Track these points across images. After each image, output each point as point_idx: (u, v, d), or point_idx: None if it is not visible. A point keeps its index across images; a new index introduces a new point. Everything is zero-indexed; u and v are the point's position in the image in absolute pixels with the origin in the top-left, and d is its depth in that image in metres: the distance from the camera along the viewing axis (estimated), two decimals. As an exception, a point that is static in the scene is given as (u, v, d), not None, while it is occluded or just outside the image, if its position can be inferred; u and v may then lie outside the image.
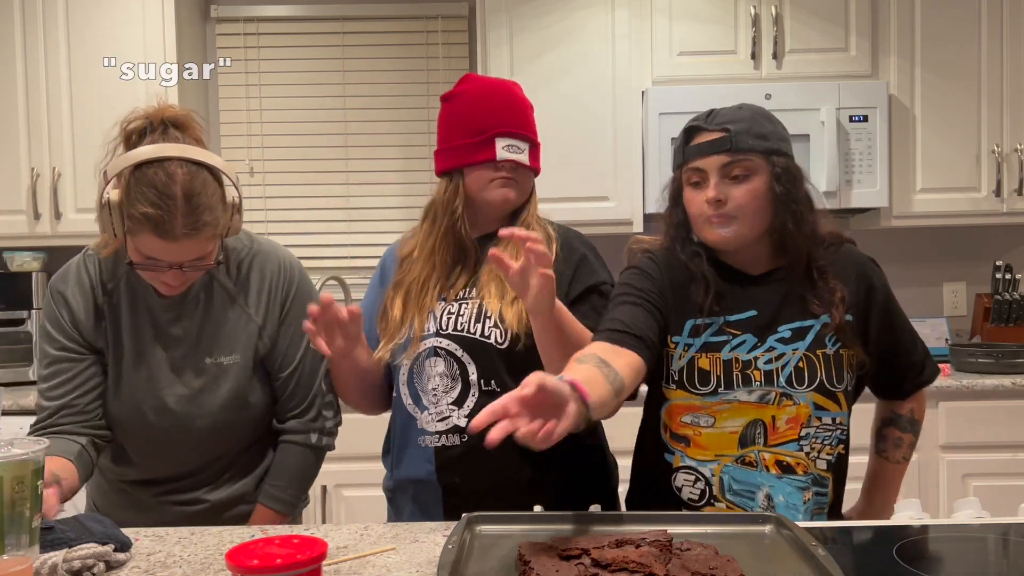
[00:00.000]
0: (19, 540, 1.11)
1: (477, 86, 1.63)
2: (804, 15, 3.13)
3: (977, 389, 2.82)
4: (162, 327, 1.56)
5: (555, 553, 1.09)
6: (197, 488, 1.63)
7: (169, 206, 1.38)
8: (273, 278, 1.61)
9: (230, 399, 1.58)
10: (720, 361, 1.43)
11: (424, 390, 1.57)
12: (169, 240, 1.39)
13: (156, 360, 1.56)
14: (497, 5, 3.14)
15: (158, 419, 1.56)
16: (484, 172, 1.57)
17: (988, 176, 3.13)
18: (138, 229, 1.39)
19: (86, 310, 1.56)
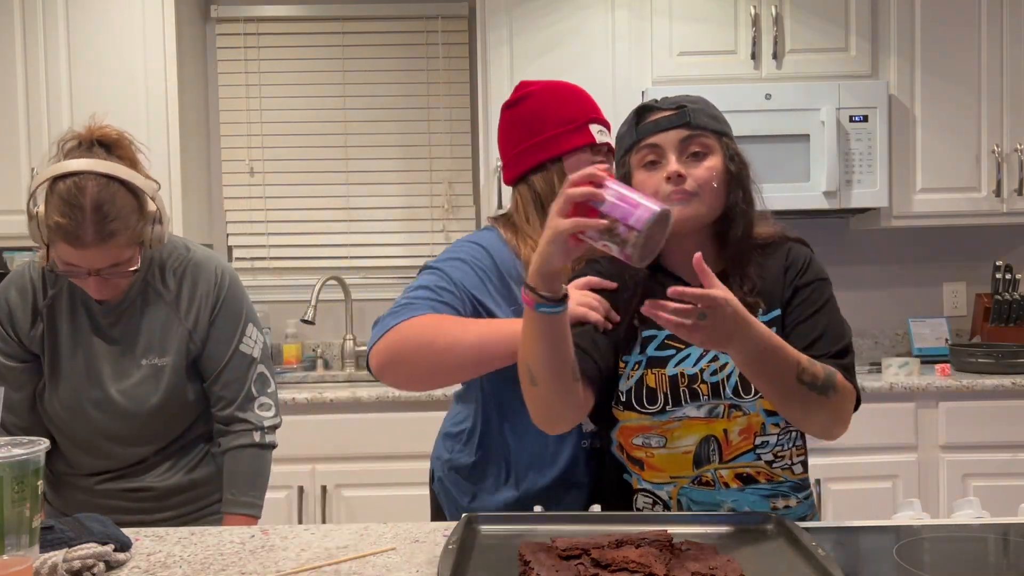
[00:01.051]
0: (19, 540, 1.11)
1: (549, 85, 1.63)
2: (804, 15, 3.13)
3: (977, 389, 2.82)
4: (101, 329, 1.66)
5: (555, 553, 1.09)
6: (142, 474, 1.71)
7: (77, 216, 1.49)
8: (205, 285, 1.70)
9: (167, 397, 1.67)
10: (666, 377, 1.35)
11: None
12: (80, 247, 1.50)
13: (96, 358, 1.65)
14: (497, 5, 3.14)
15: (98, 414, 1.65)
16: (583, 157, 1.55)
17: (988, 176, 3.13)
18: (53, 238, 1.52)
19: (23, 312, 1.65)
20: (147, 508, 1.71)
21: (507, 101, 1.65)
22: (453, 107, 3.51)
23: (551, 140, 1.57)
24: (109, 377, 1.65)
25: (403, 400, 2.85)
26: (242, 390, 1.72)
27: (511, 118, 1.62)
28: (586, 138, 1.57)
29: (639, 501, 1.40)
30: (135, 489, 1.70)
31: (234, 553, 1.25)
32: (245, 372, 1.72)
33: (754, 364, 1.22)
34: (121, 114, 3.12)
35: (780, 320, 1.38)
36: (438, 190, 3.52)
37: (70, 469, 1.72)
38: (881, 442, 2.84)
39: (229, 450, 1.72)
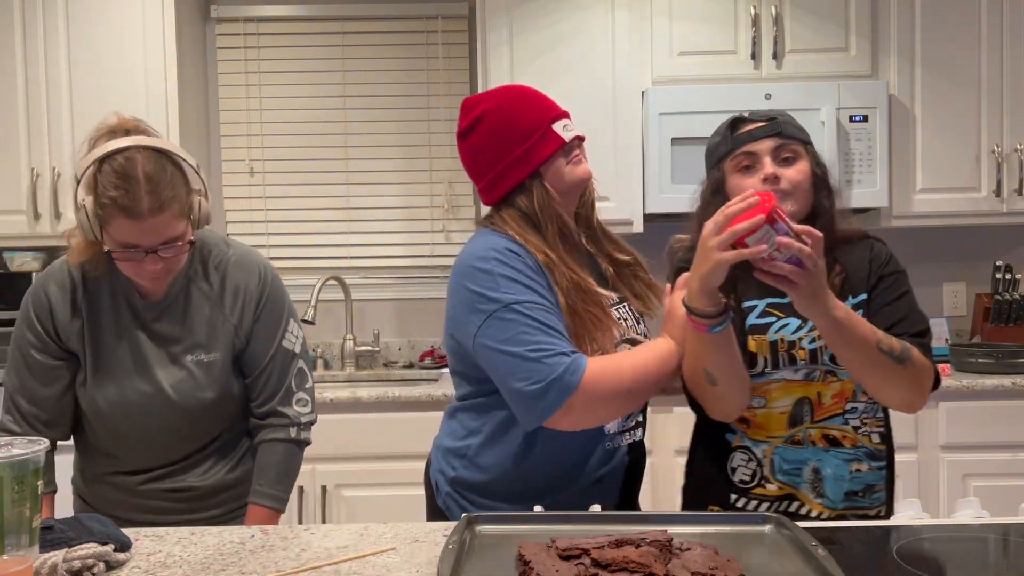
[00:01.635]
0: (19, 540, 1.11)
1: (494, 100, 1.57)
2: (804, 15, 3.13)
3: (977, 389, 2.82)
4: (146, 324, 1.64)
5: (555, 553, 1.09)
6: (184, 473, 1.69)
7: (132, 187, 1.48)
8: (249, 281, 1.69)
9: (218, 392, 1.67)
10: (766, 343, 1.50)
11: None
12: (137, 219, 1.48)
13: (143, 353, 1.64)
14: (497, 5, 3.14)
15: (149, 409, 1.63)
16: (560, 160, 1.55)
17: (988, 176, 3.13)
18: (109, 216, 1.50)
19: (63, 307, 1.63)
20: (189, 508, 1.70)
21: (458, 131, 1.62)
22: (453, 107, 3.51)
23: (521, 157, 1.53)
24: (159, 371, 1.64)
25: (403, 400, 2.85)
26: (283, 385, 1.72)
27: (470, 148, 1.60)
28: (555, 142, 1.54)
29: (735, 459, 1.54)
30: (178, 489, 1.69)
31: (234, 553, 1.25)
32: (287, 367, 1.73)
33: (838, 330, 1.36)
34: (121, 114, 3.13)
35: (866, 304, 1.52)
36: (438, 190, 3.52)
37: (113, 468, 1.69)
38: (881, 442, 2.83)
39: (264, 442, 1.72)
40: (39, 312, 1.64)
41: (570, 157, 1.56)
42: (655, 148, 3.03)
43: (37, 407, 1.65)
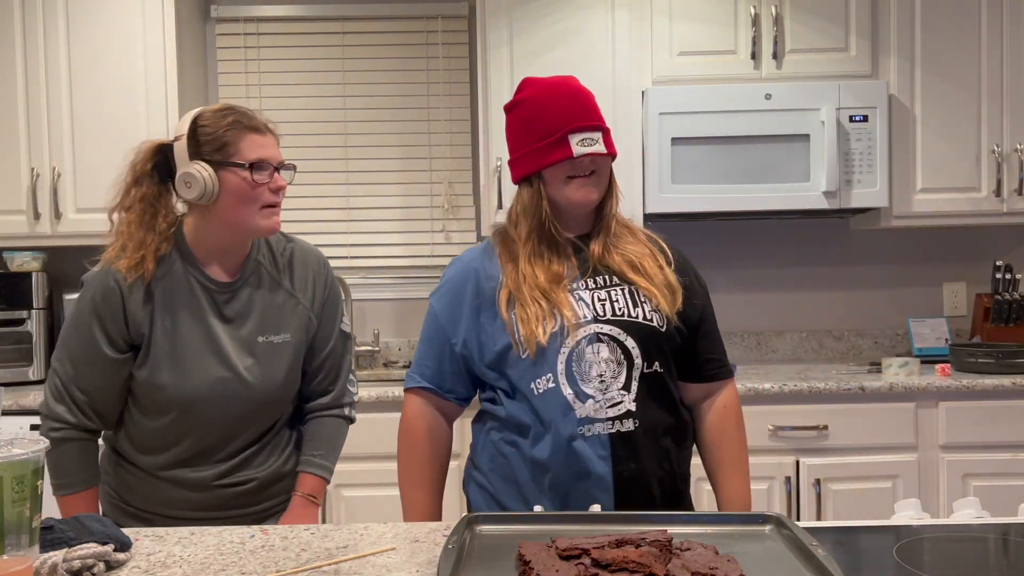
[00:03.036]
0: (19, 540, 1.11)
1: (538, 88, 1.63)
2: (804, 15, 3.13)
3: (977, 389, 2.82)
4: (218, 306, 1.67)
5: (555, 553, 1.09)
6: (245, 466, 1.71)
7: (243, 112, 1.65)
8: (315, 267, 1.79)
9: (288, 375, 1.71)
10: None
11: (587, 377, 1.53)
12: (262, 132, 1.64)
13: (218, 337, 1.66)
14: (497, 5, 3.14)
15: (227, 394, 1.65)
16: (563, 171, 1.57)
17: (988, 176, 3.13)
18: (237, 138, 1.61)
19: (134, 294, 1.63)
20: (249, 501, 1.72)
21: (506, 104, 1.69)
22: (453, 107, 3.51)
23: (531, 155, 1.59)
24: (234, 355, 1.66)
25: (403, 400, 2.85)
26: (339, 366, 1.81)
27: (508, 123, 1.67)
28: (563, 153, 1.55)
29: None
30: (239, 482, 1.70)
31: (234, 553, 1.25)
32: (344, 349, 1.82)
33: None
34: (121, 114, 3.13)
35: None
36: (438, 190, 3.52)
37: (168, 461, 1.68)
38: (881, 442, 2.84)
39: (315, 417, 1.79)
40: (109, 300, 1.62)
41: (576, 173, 1.57)
42: (655, 148, 3.03)
43: (91, 398, 1.64)
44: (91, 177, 3.12)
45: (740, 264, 3.48)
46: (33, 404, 2.83)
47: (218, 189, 1.60)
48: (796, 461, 2.83)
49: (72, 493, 1.64)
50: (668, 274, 1.61)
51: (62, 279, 3.37)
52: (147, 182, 1.65)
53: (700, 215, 3.15)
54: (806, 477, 2.82)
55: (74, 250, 3.33)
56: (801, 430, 2.82)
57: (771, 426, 2.83)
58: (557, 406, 1.52)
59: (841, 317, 3.49)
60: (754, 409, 2.78)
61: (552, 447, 1.52)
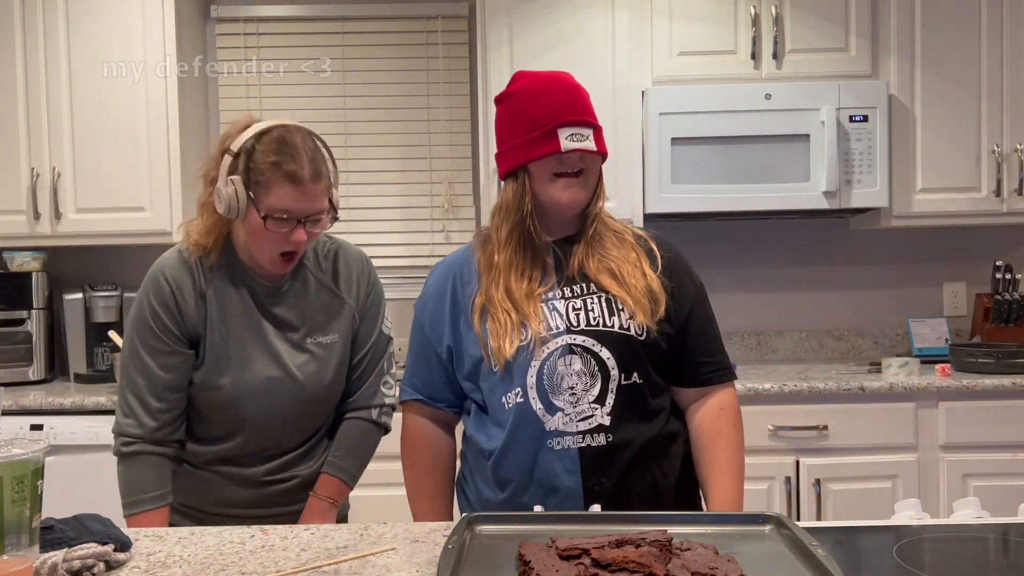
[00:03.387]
0: (19, 540, 1.11)
1: (530, 81, 1.58)
2: (804, 15, 3.13)
3: (977, 389, 2.82)
4: (267, 309, 1.68)
5: (555, 553, 1.09)
6: (294, 465, 1.73)
7: (293, 153, 1.57)
8: (358, 267, 1.78)
9: (336, 375, 1.73)
10: None
11: (559, 390, 1.49)
12: (299, 185, 1.55)
13: (268, 338, 1.68)
14: (497, 5, 3.14)
15: (279, 394, 1.67)
16: (549, 167, 1.51)
17: (988, 176, 3.13)
18: (270, 181, 1.56)
19: (188, 297, 1.65)
20: (290, 499, 1.74)
21: (497, 94, 1.64)
22: (453, 107, 3.51)
23: (517, 148, 1.54)
24: (285, 355, 1.68)
25: (403, 400, 2.85)
26: (375, 368, 1.79)
27: (498, 115, 1.62)
28: (551, 147, 1.50)
29: None
30: (286, 479, 1.73)
31: (234, 553, 1.25)
32: (384, 350, 1.81)
33: None
34: (121, 114, 3.13)
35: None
36: (438, 190, 3.52)
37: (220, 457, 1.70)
38: (881, 442, 2.84)
39: (346, 420, 1.78)
40: (166, 304, 1.64)
41: (563, 170, 1.51)
42: (655, 148, 3.03)
43: (167, 402, 1.64)
44: (91, 177, 3.12)
45: (740, 264, 3.48)
46: (33, 404, 2.83)
47: (243, 213, 1.58)
48: (796, 461, 2.83)
49: (143, 512, 1.61)
50: (651, 280, 1.54)
51: (62, 279, 3.37)
52: None
53: (700, 215, 3.15)
54: (806, 477, 2.82)
55: (74, 250, 3.33)
56: (801, 430, 2.82)
57: (771, 426, 2.83)
58: (525, 420, 1.49)
59: (841, 317, 3.49)
60: (754, 409, 2.78)
61: (519, 463, 1.49)
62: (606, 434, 1.47)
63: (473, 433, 1.59)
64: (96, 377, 3.18)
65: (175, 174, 3.13)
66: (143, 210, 3.13)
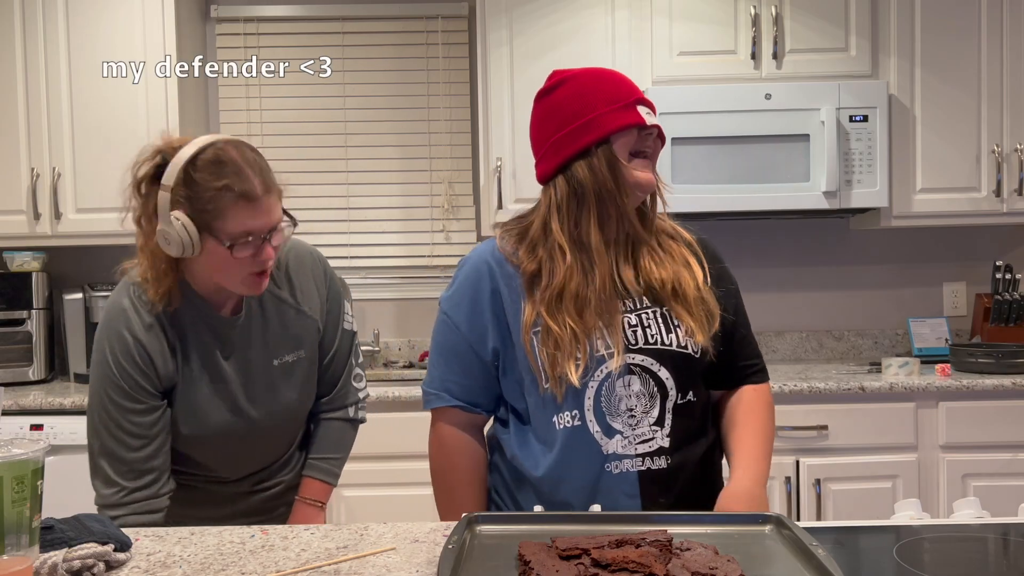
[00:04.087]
0: (19, 540, 1.11)
1: (584, 71, 1.47)
2: (804, 15, 3.13)
3: (977, 389, 2.82)
4: (230, 344, 1.60)
5: (555, 553, 1.09)
6: (278, 474, 1.73)
7: (237, 171, 1.45)
8: (310, 266, 1.70)
9: (302, 392, 1.68)
10: None
11: (616, 412, 1.40)
12: (254, 202, 1.44)
13: (231, 375, 1.60)
14: (497, 5, 3.14)
15: (243, 428, 1.62)
16: (628, 145, 1.42)
17: (988, 176, 3.13)
18: (223, 207, 1.43)
19: (159, 352, 1.53)
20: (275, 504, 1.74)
21: (540, 90, 1.49)
22: (453, 107, 3.51)
23: (596, 120, 1.40)
24: (250, 391, 1.61)
25: (403, 400, 2.85)
26: (344, 367, 1.76)
27: (547, 106, 1.46)
28: (634, 117, 1.40)
29: None
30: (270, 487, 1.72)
31: (234, 553, 1.25)
32: (349, 348, 1.77)
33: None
34: (121, 114, 3.13)
35: None
36: (438, 190, 3.52)
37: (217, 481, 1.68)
38: (881, 442, 2.84)
39: (322, 420, 1.77)
40: (136, 363, 1.51)
41: (641, 149, 1.44)
42: (655, 148, 3.03)
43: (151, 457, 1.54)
44: (91, 177, 3.12)
45: (740, 264, 3.45)
46: (33, 404, 2.83)
47: (199, 248, 1.46)
48: (796, 461, 2.83)
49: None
50: (705, 292, 1.46)
51: (62, 279, 3.37)
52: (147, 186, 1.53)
53: (700, 215, 3.15)
54: (806, 477, 2.82)
55: (74, 250, 3.33)
56: (801, 430, 2.82)
57: (771, 426, 2.83)
58: (582, 443, 1.40)
59: (841, 317, 3.49)
60: (754, 409, 2.78)
61: (576, 487, 1.41)
62: (666, 456, 1.41)
63: (516, 452, 1.46)
64: (96, 377, 3.18)
65: (175, 174, 3.12)
66: (143, 210, 3.13)
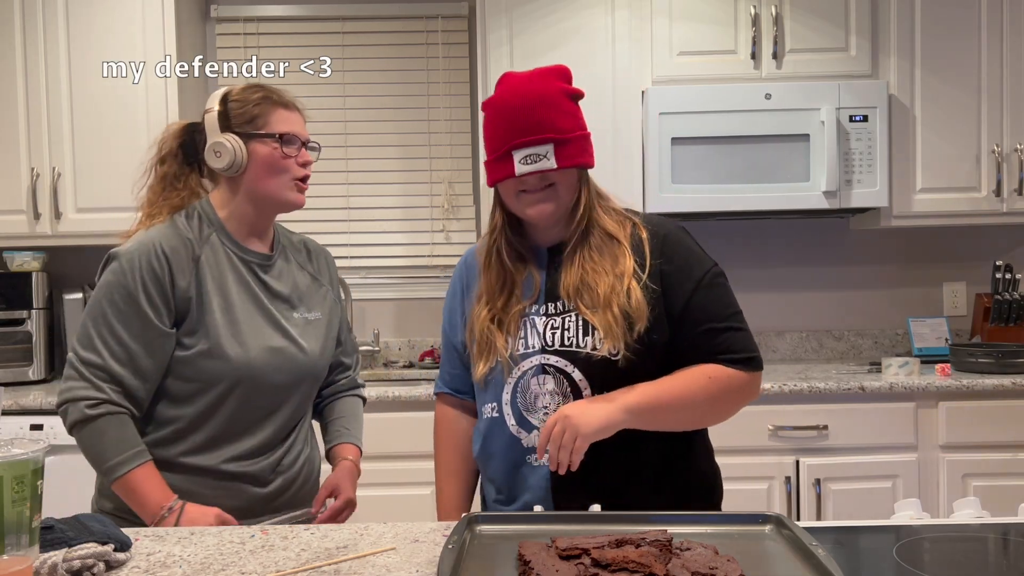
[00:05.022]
0: (19, 540, 1.11)
1: (500, 92, 1.52)
2: (804, 15, 3.13)
3: (977, 389, 2.82)
4: (261, 279, 1.68)
5: (555, 553, 1.09)
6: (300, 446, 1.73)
7: (269, 87, 1.69)
8: (325, 257, 1.86)
9: (322, 350, 1.74)
10: None
11: (532, 409, 1.49)
12: (292, 110, 1.68)
13: (267, 306, 1.67)
14: (497, 5, 3.14)
15: (280, 359, 1.65)
16: (512, 188, 1.50)
17: (988, 176, 3.13)
18: (266, 111, 1.64)
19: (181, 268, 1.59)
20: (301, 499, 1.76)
21: (484, 100, 1.58)
22: (453, 107, 3.51)
23: (486, 168, 1.54)
24: (288, 325, 1.68)
25: (403, 400, 2.85)
26: (350, 348, 1.90)
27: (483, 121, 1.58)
28: (506, 170, 1.47)
29: None
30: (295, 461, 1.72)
31: (234, 553, 1.25)
32: (349, 333, 1.91)
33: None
34: (121, 114, 3.13)
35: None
36: (438, 190, 3.52)
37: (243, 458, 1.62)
38: (881, 442, 2.84)
39: (339, 397, 1.87)
40: (158, 273, 1.56)
41: (526, 188, 1.48)
42: (655, 148, 3.03)
43: (141, 377, 1.56)
44: (91, 177, 3.12)
45: (740, 264, 3.47)
46: (33, 404, 2.83)
47: (247, 160, 1.63)
48: (796, 461, 2.83)
49: (132, 469, 1.52)
50: (634, 293, 1.45)
51: (62, 279, 3.37)
52: (171, 161, 1.69)
53: (700, 215, 3.15)
54: (806, 477, 2.82)
55: (74, 250, 3.33)
56: (801, 430, 2.82)
57: (771, 426, 2.83)
58: (501, 434, 1.52)
59: (841, 317, 3.49)
60: (754, 409, 2.77)
61: (500, 471, 1.54)
62: None
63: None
64: (96, 377, 3.18)
65: (175, 174, 3.12)
66: (143, 210, 3.13)
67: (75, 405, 1.53)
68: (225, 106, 1.65)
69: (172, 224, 1.63)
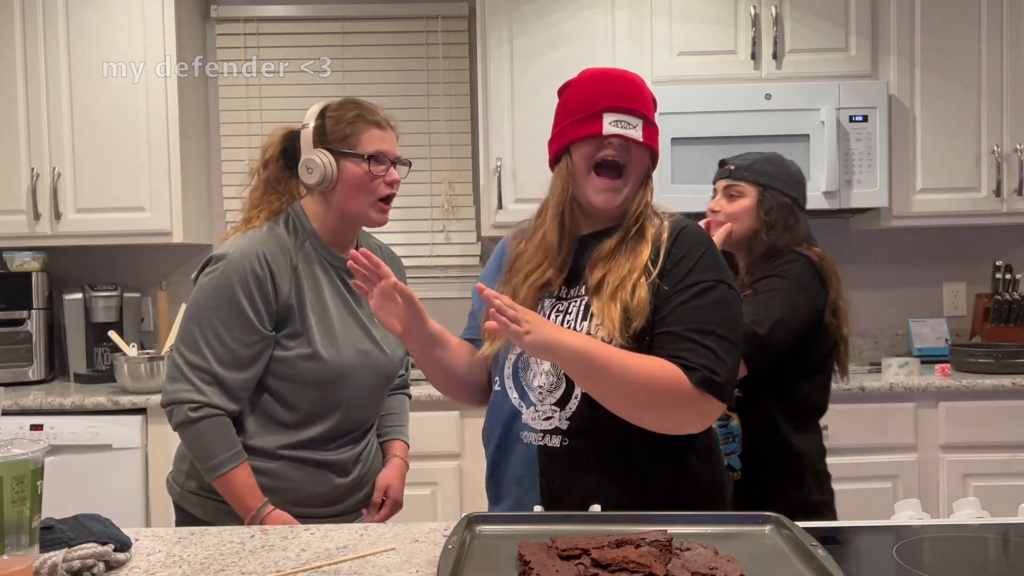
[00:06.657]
0: (19, 540, 1.11)
1: (591, 72, 1.58)
2: (804, 15, 3.13)
3: (977, 389, 2.82)
4: (349, 285, 1.74)
5: (555, 553, 1.09)
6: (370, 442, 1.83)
7: (368, 106, 1.75)
8: (395, 257, 1.93)
9: (400, 351, 1.85)
10: None
11: (530, 386, 1.49)
12: (384, 129, 1.74)
13: (355, 309, 1.76)
14: (497, 5, 3.14)
15: (368, 362, 1.74)
16: (589, 154, 1.49)
17: (988, 176, 3.13)
18: (358, 130, 1.70)
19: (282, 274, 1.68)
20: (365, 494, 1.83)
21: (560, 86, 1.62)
22: (453, 107, 3.51)
23: (562, 131, 1.53)
24: (374, 330, 1.76)
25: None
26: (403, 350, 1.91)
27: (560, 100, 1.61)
28: (591, 128, 1.47)
29: None
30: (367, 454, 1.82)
31: (234, 553, 1.25)
32: None
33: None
34: (121, 114, 3.13)
35: None
36: (438, 190, 3.52)
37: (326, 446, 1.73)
38: (881, 442, 2.84)
39: (395, 395, 1.97)
40: (260, 277, 1.65)
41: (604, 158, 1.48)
42: (655, 148, 3.03)
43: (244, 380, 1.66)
44: (91, 177, 3.12)
45: (740, 264, 3.48)
46: (33, 404, 2.83)
47: (337, 177, 1.69)
48: (796, 461, 2.83)
49: (230, 470, 1.63)
50: (640, 290, 1.43)
51: (62, 279, 3.37)
52: (273, 165, 1.76)
53: (700, 215, 3.15)
54: (806, 477, 2.82)
55: (74, 250, 3.34)
56: (801, 430, 2.82)
57: (771, 426, 2.83)
58: (503, 408, 1.51)
59: (841, 317, 3.49)
60: (754, 409, 2.78)
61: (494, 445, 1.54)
62: (562, 438, 1.43)
63: None
64: (96, 377, 3.18)
65: (175, 174, 3.13)
66: (143, 210, 3.13)
67: (180, 408, 1.64)
68: (322, 121, 1.71)
69: (271, 231, 1.71)
